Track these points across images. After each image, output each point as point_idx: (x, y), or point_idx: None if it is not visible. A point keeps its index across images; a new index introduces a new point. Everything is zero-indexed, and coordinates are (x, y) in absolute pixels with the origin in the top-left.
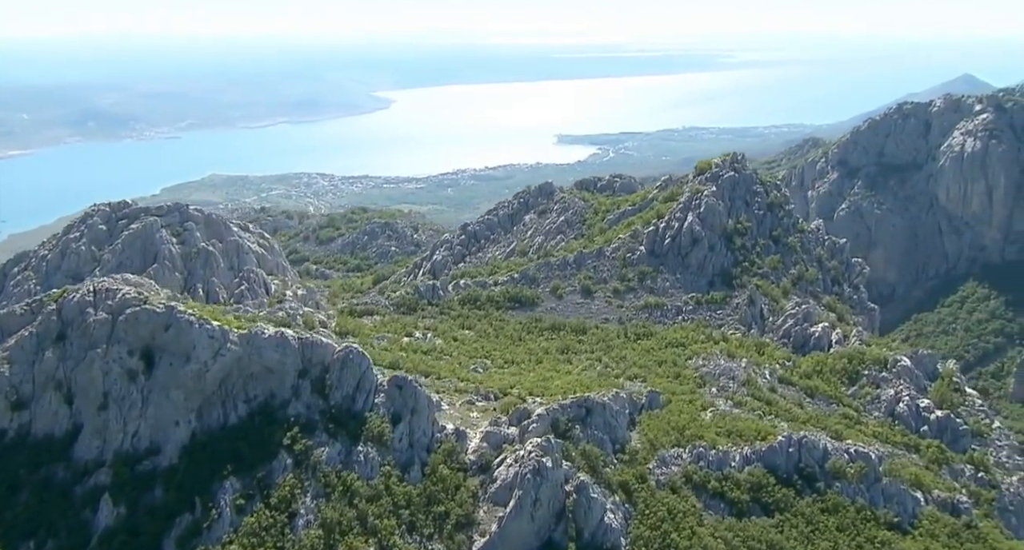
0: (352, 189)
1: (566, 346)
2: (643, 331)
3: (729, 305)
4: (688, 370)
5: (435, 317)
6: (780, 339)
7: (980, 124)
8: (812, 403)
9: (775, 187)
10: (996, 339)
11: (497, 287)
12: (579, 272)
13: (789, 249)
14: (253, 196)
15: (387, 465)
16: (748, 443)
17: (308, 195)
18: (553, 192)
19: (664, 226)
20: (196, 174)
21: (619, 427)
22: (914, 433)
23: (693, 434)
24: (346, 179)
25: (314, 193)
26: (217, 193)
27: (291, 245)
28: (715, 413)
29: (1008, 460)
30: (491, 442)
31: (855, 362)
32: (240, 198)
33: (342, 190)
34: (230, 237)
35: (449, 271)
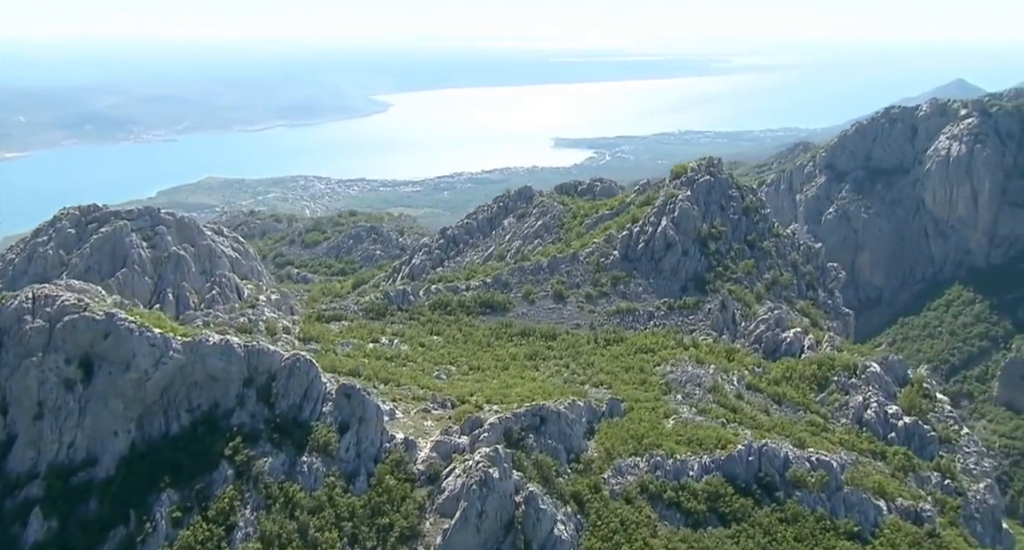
0: (349, 192)
1: (534, 352)
2: (613, 337)
3: (701, 310)
4: (655, 377)
5: (404, 323)
6: (752, 345)
7: (965, 129)
8: (779, 410)
9: (751, 191)
10: (981, 342)
11: (469, 292)
12: (552, 277)
13: (764, 254)
14: (249, 199)
15: (332, 476)
16: (708, 452)
17: (304, 198)
18: (533, 196)
19: (638, 231)
20: (193, 177)
21: (574, 436)
22: (881, 440)
23: (652, 443)
24: (343, 182)
25: (311, 196)
26: (213, 196)
27: (276, 249)
28: (677, 421)
29: (976, 467)
30: (441, 452)
31: (825, 368)
32: (236, 201)
33: (339, 193)
34: (202, 241)
35: (427, 275)
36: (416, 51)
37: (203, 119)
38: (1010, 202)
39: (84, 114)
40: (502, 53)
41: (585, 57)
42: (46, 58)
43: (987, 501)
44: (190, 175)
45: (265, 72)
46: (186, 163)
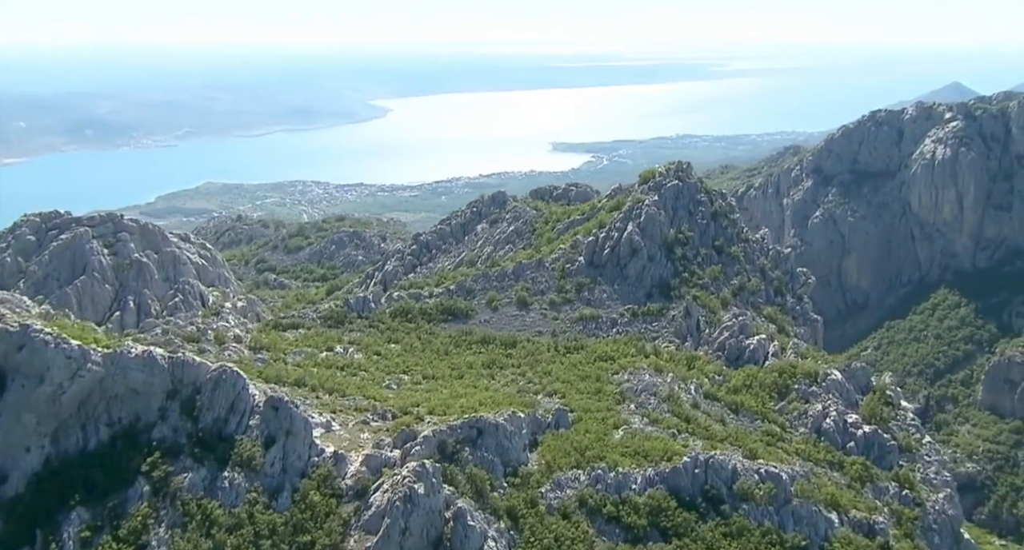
0: (347, 197)
1: (492, 360)
2: (574, 344)
3: (665, 317)
4: (611, 386)
5: (363, 331)
6: (715, 352)
7: (950, 132)
8: (736, 419)
9: (720, 196)
10: (966, 346)
11: (432, 299)
12: (517, 283)
13: (732, 259)
14: (248, 204)
15: (254, 492)
16: (653, 464)
17: (303, 203)
18: (506, 201)
19: (604, 236)
20: (192, 182)
21: (513, 449)
22: (839, 450)
23: (595, 455)
24: (341, 187)
25: (308, 201)
26: (212, 201)
27: (259, 254)
28: (627, 432)
29: (936, 477)
30: (371, 466)
31: (786, 376)
32: (235, 206)
33: (336, 198)
34: (167, 248)
35: (399, 281)
36: (415, 56)
37: (202, 124)
38: (995, 205)
39: (84, 120)
40: (501, 58)
41: (583, 62)
42: (46, 64)
43: (946, 512)
44: (189, 180)
45: (264, 77)
46: (185, 168)
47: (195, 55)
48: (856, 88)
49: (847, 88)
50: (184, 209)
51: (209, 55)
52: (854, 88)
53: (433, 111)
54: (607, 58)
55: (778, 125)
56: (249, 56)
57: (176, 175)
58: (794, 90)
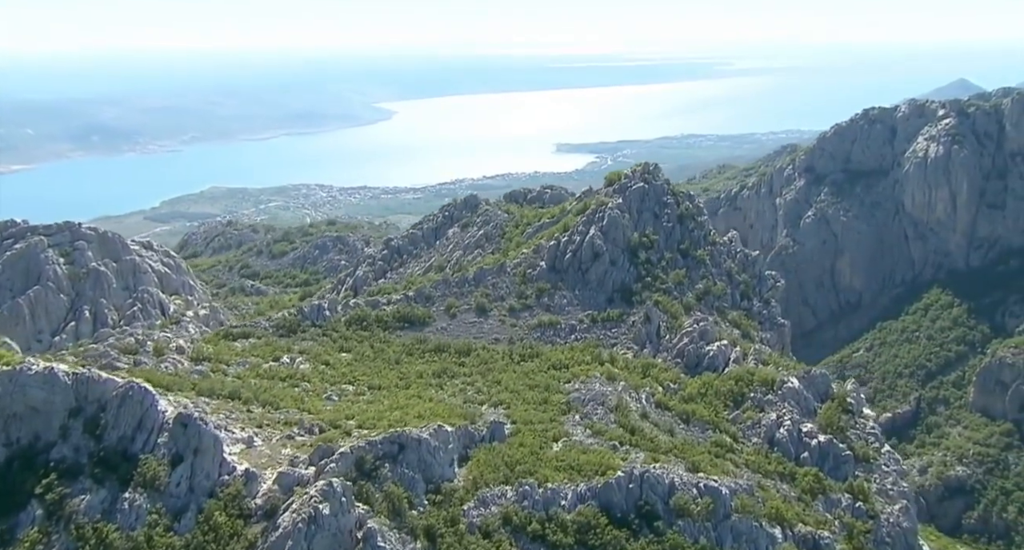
0: (350, 200)
1: (444, 369)
2: (529, 352)
3: (625, 323)
4: (559, 395)
5: (315, 339)
6: (674, 359)
7: (943, 129)
8: (686, 430)
9: (688, 198)
10: (958, 347)
11: (389, 307)
12: (477, 289)
13: (697, 263)
14: (251, 208)
15: (155, 513)
16: (586, 479)
17: (306, 206)
18: (478, 205)
19: (566, 240)
20: (196, 187)
21: (437, 464)
22: (792, 460)
23: (526, 470)
24: (344, 190)
25: (312, 204)
26: (216, 205)
27: (243, 260)
28: (566, 444)
29: (893, 487)
30: (283, 484)
31: (742, 384)
32: (239, 210)
33: (340, 201)
34: (126, 256)
35: (369, 287)
36: (419, 59)
37: (207, 129)
38: (988, 204)
39: (90, 126)
40: (505, 60)
41: (587, 62)
42: (52, 71)
43: (900, 524)
44: (194, 185)
45: (268, 82)
46: (190, 173)
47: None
48: (862, 86)
49: (853, 86)
50: (188, 214)
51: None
52: (860, 86)
53: (437, 113)
54: (611, 58)
55: (783, 124)
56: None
57: (181, 180)
58: (799, 89)
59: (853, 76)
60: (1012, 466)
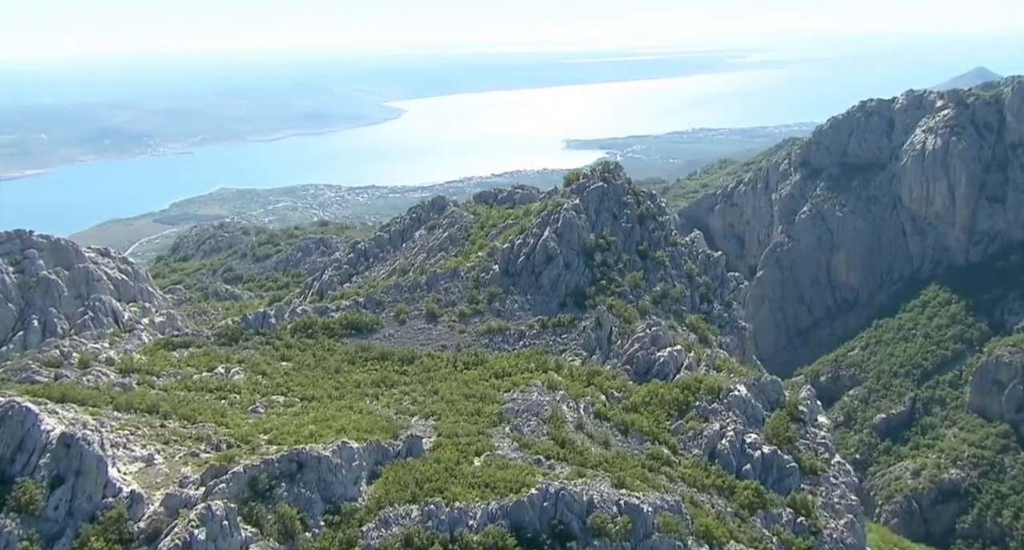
0: (358, 199)
1: (383, 378)
2: (474, 360)
3: (576, 328)
4: (494, 405)
5: (257, 348)
6: (623, 365)
7: (941, 121)
8: (623, 441)
9: (649, 198)
10: (955, 345)
11: (337, 313)
12: (429, 294)
13: (657, 265)
14: (260, 209)
15: (27, 539)
16: (499, 497)
17: (314, 207)
18: (445, 206)
19: (520, 243)
20: (207, 188)
21: (339, 483)
22: (732, 473)
23: (436, 487)
24: (352, 190)
25: (320, 204)
26: (225, 207)
27: (227, 263)
28: (487, 459)
29: (840, 501)
30: (169, 506)
31: (688, 392)
32: (247, 211)
33: (348, 201)
34: (79, 264)
35: (334, 291)
36: (429, 57)
37: (218, 131)
38: (988, 197)
39: (102, 129)
40: (515, 57)
41: (599, 58)
42: (65, 76)
43: (844, 540)
44: (205, 186)
45: (279, 83)
46: (201, 175)
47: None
48: (878, 76)
49: (869, 77)
50: (197, 215)
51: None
52: (877, 76)
53: (447, 111)
54: (622, 53)
55: (797, 117)
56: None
57: (191, 182)
58: (814, 80)
59: (869, 66)
60: (1008, 469)
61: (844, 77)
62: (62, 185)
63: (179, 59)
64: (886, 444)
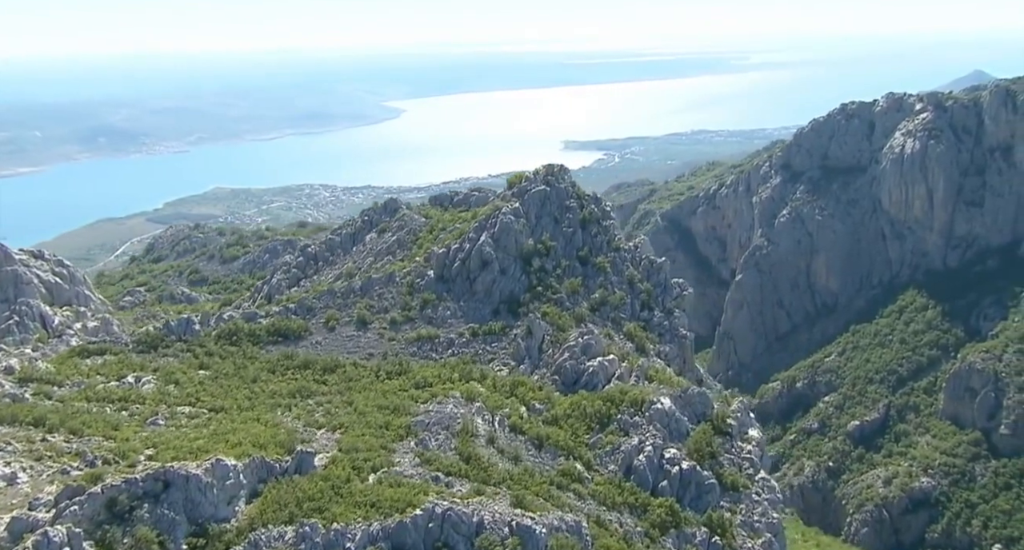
0: (354, 200)
1: (301, 388)
2: (397, 369)
3: (507, 337)
4: (406, 418)
5: (177, 356)
6: (552, 375)
7: (920, 124)
8: (535, 456)
9: (594, 201)
10: (931, 351)
11: (266, 319)
12: (362, 300)
13: (597, 270)
14: (254, 209)
15: None
16: (383, 517)
17: (308, 207)
18: (398, 209)
19: (456, 248)
20: (201, 188)
21: (208, 503)
22: (647, 490)
23: (316, 507)
24: (348, 190)
25: (315, 204)
26: (219, 206)
27: (194, 265)
28: (383, 476)
29: (761, 519)
30: (14, 531)
31: (612, 404)
32: (241, 211)
33: (343, 201)
34: (7, 267)
35: (282, 295)
36: (432, 57)
37: (215, 130)
38: (966, 201)
39: (98, 128)
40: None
41: (600, 59)
42: (60, 74)
43: None
44: (200, 186)
45: (278, 82)
46: (197, 174)
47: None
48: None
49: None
50: (190, 215)
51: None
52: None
53: (447, 111)
54: (625, 54)
55: (797, 119)
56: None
57: (187, 181)
58: (815, 82)
59: (870, 69)
60: (978, 477)
61: (845, 79)
62: (55, 183)
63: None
64: (859, 451)
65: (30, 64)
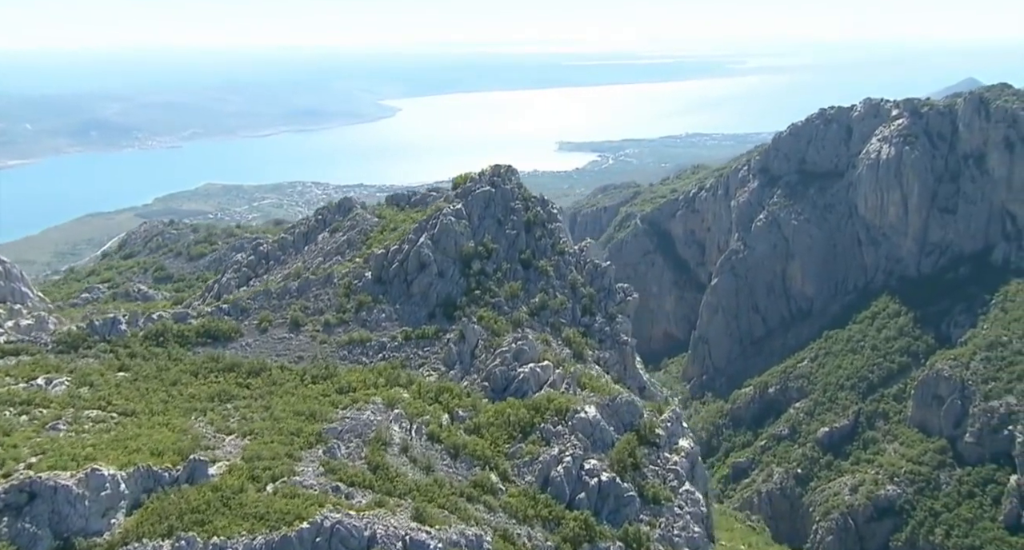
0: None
1: (221, 392)
2: (323, 373)
3: (440, 341)
4: (321, 424)
5: (98, 357)
6: (482, 382)
7: (896, 130)
8: (450, 466)
9: (540, 203)
10: (901, 358)
11: (197, 320)
12: (297, 301)
13: (539, 274)
14: (245, 206)
15: None
16: (269, 530)
17: (299, 204)
18: (352, 208)
19: (395, 249)
20: (193, 183)
21: (78, 516)
22: (564, 503)
23: (198, 519)
24: (340, 188)
25: (306, 202)
26: (209, 203)
27: (159, 262)
28: (281, 486)
29: (681, 533)
30: None
31: (537, 412)
32: (232, 207)
33: (335, 199)
34: None
35: (231, 294)
36: (427, 56)
37: (208, 126)
38: (940, 207)
39: (90, 121)
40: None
41: (598, 61)
42: (53, 67)
43: None
44: (192, 182)
45: (273, 79)
46: (189, 169)
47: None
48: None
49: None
50: (180, 211)
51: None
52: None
53: (444, 111)
54: (624, 56)
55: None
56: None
57: (179, 176)
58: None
59: (866, 74)
60: (943, 486)
61: (841, 84)
62: (45, 177)
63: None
64: (828, 458)
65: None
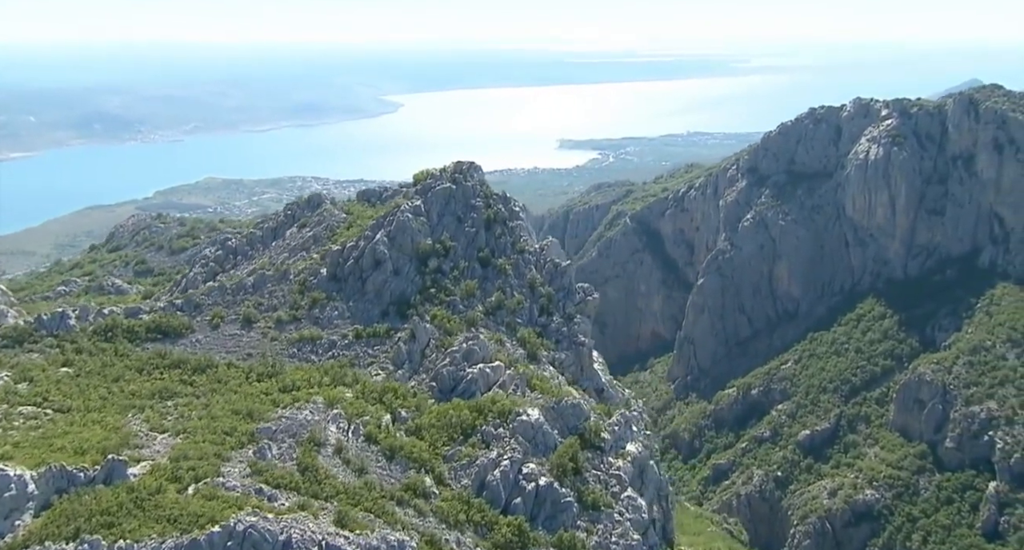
0: (345, 193)
1: (163, 389)
2: (270, 371)
3: (391, 340)
4: (256, 423)
5: (44, 352)
6: (430, 382)
7: (884, 130)
8: (383, 469)
9: (502, 201)
10: (885, 361)
11: (148, 315)
12: (251, 298)
13: (497, 272)
14: (245, 200)
15: None
16: (180, 533)
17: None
18: (321, 204)
19: (351, 246)
20: (194, 177)
21: None
22: (498, 508)
23: (106, 521)
24: (340, 183)
25: None
26: (209, 197)
27: (141, 255)
28: (202, 487)
29: (619, 541)
30: None
31: (479, 414)
32: (231, 202)
33: (334, 194)
34: None
35: (197, 289)
36: (429, 53)
37: (210, 120)
38: (928, 209)
39: (92, 114)
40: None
41: (601, 58)
42: (56, 59)
43: None
44: (193, 175)
45: (276, 74)
46: (190, 163)
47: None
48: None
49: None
50: (180, 205)
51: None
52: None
53: (446, 107)
54: (627, 55)
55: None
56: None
57: (180, 170)
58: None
59: (869, 74)
60: (922, 491)
61: (844, 84)
62: (47, 169)
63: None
64: (808, 462)
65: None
